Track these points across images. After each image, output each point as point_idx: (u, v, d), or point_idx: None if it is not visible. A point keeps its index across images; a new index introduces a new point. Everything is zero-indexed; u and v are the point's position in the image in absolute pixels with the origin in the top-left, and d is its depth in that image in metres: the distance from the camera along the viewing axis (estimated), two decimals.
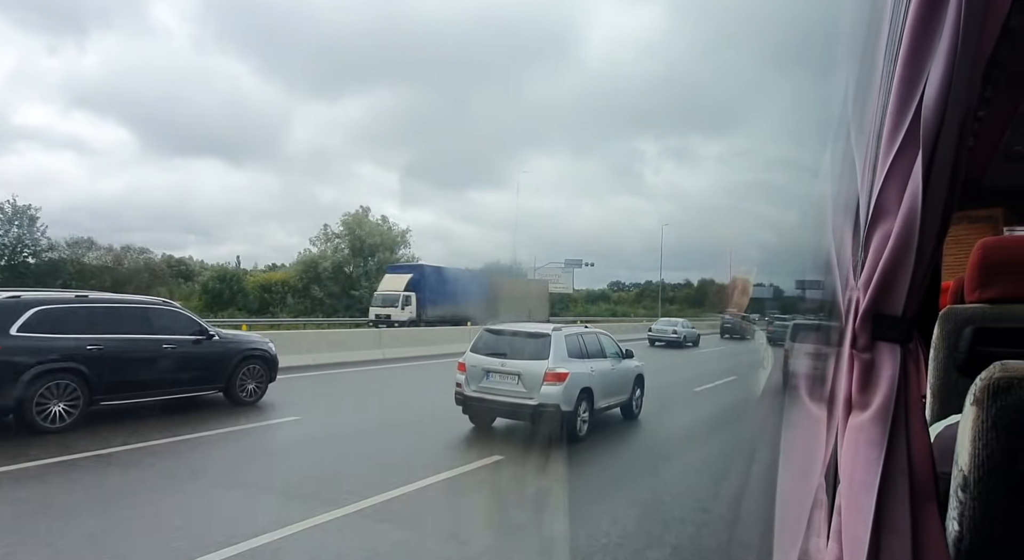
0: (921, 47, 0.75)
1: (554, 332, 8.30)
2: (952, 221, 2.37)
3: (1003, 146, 2.47)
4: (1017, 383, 0.76)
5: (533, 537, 4.96)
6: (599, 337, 9.24)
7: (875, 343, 0.82)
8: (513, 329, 8.66)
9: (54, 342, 7.25)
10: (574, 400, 7.91)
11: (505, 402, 7.91)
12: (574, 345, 8.40)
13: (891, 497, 0.77)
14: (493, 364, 8.05)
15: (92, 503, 5.15)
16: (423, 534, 4.91)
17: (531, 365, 7.88)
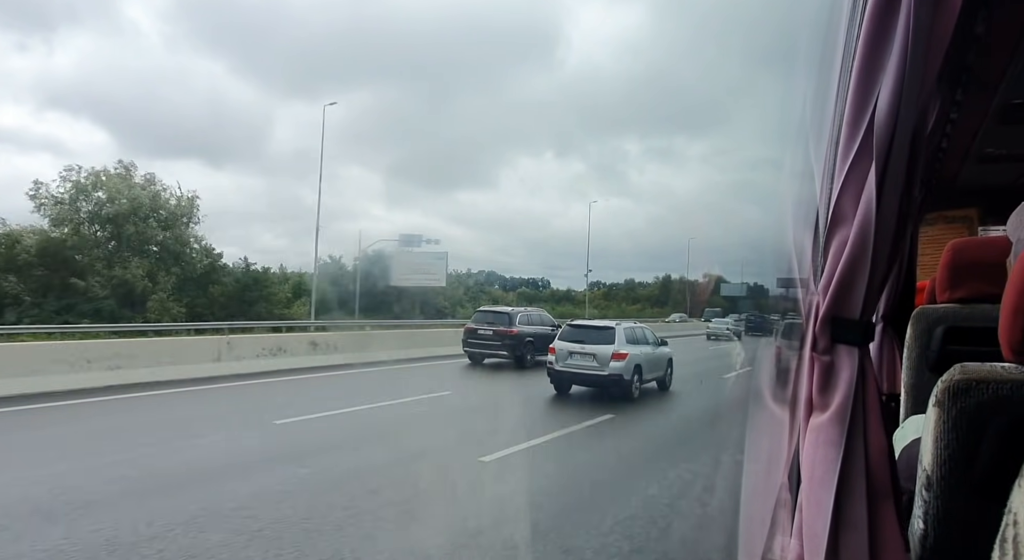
0: (873, 60, 0.78)
1: (616, 325, 12.27)
2: (928, 222, 2.42)
3: (975, 148, 2.52)
4: (975, 385, 0.77)
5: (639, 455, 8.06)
6: (644, 330, 13.29)
7: (834, 346, 0.84)
8: (588, 323, 13.34)
9: (524, 330, 16.98)
10: (631, 372, 11.70)
11: (584, 374, 11.77)
12: (630, 334, 12.26)
13: (849, 495, 0.79)
14: (574, 348, 11.82)
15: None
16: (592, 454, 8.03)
17: (602, 348, 11.65)
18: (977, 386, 0.77)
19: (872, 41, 0.78)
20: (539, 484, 6.27)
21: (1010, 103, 2.08)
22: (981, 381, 0.77)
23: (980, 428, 0.77)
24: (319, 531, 4.73)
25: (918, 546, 0.83)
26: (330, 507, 5.30)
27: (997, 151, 2.59)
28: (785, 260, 1.02)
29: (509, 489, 6.23)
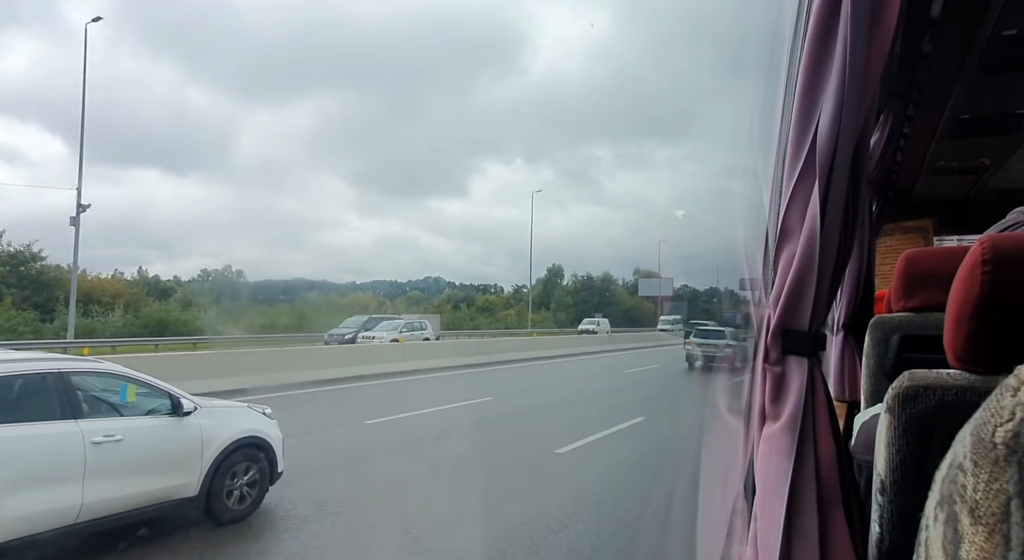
0: (814, 79, 0.80)
1: (725, 327, 18.38)
2: (886, 232, 2.54)
3: (928, 160, 2.57)
4: (923, 391, 0.79)
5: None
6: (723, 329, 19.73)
7: (785, 357, 0.85)
8: (710, 327, 20.64)
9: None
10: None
11: (707, 355, 18.68)
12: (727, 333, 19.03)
13: (800, 503, 0.81)
14: (702, 341, 19.60)
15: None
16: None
17: (718, 341, 19.03)
18: (924, 392, 0.78)
19: (812, 62, 0.80)
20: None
21: (959, 117, 2.13)
22: (928, 387, 0.78)
23: (929, 433, 0.78)
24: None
25: (875, 549, 0.84)
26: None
27: (949, 164, 2.66)
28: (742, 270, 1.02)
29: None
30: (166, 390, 4.96)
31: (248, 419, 5.42)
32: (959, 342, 0.75)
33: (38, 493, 4.08)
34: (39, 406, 4.29)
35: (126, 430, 4.56)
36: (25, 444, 4.11)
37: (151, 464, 4.67)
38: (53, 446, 4.21)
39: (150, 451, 4.68)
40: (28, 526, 4.03)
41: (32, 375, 4.35)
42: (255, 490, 5.28)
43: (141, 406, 4.81)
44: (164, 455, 4.76)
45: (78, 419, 4.38)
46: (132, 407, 4.75)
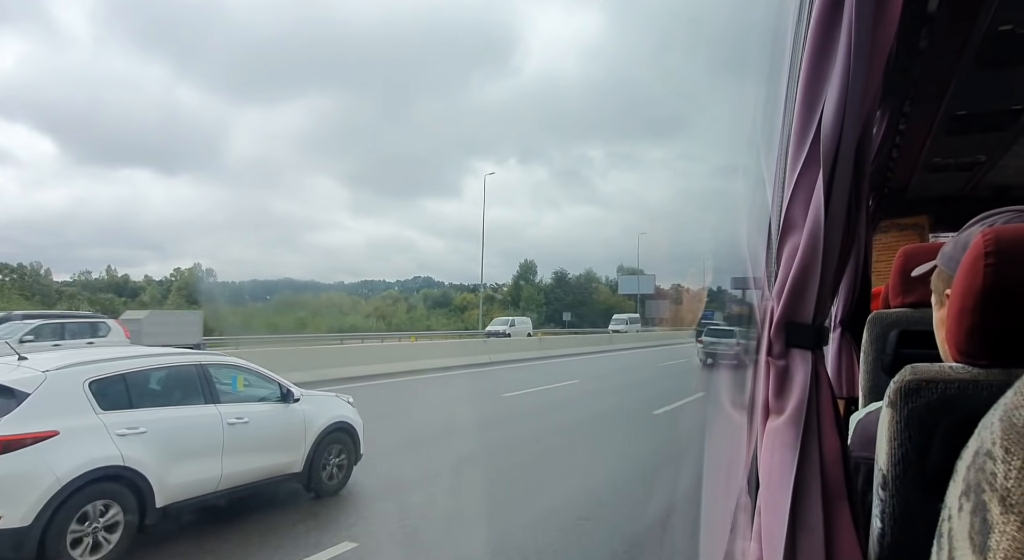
0: (818, 71, 0.80)
1: (735, 327, 17.84)
2: (882, 229, 2.65)
3: (924, 157, 2.58)
4: (926, 385, 0.78)
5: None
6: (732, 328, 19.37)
7: (788, 350, 0.86)
8: (720, 327, 20.63)
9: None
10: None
11: (719, 353, 19.42)
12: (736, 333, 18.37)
13: (805, 497, 0.80)
14: (713, 340, 20.11)
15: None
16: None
17: (728, 340, 19.48)
18: (927, 386, 0.78)
19: (816, 53, 0.80)
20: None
21: (954, 114, 2.12)
22: (930, 381, 0.78)
23: (931, 427, 0.77)
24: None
25: (876, 544, 0.84)
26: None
27: (944, 161, 2.65)
28: (743, 266, 1.01)
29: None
30: (276, 380, 5.79)
31: (337, 406, 6.26)
32: (961, 335, 0.75)
33: (191, 465, 4.88)
34: (188, 393, 5.11)
35: (250, 414, 5.39)
36: (181, 424, 4.91)
37: (269, 443, 5.50)
38: (200, 426, 5.03)
39: (268, 432, 5.52)
40: (184, 492, 4.83)
41: (182, 367, 5.18)
42: (343, 469, 6.13)
43: (258, 394, 5.64)
44: (278, 436, 5.60)
45: (216, 404, 5.19)
46: (251, 394, 5.58)
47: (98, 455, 4.33)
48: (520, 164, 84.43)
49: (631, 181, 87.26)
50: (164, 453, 4.69)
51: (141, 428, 4.62)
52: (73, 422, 4.32)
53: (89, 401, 4.48)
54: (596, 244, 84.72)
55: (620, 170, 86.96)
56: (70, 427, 4.28)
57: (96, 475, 4.29)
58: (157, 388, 5.01)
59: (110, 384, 4.66)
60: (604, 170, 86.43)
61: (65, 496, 4.12)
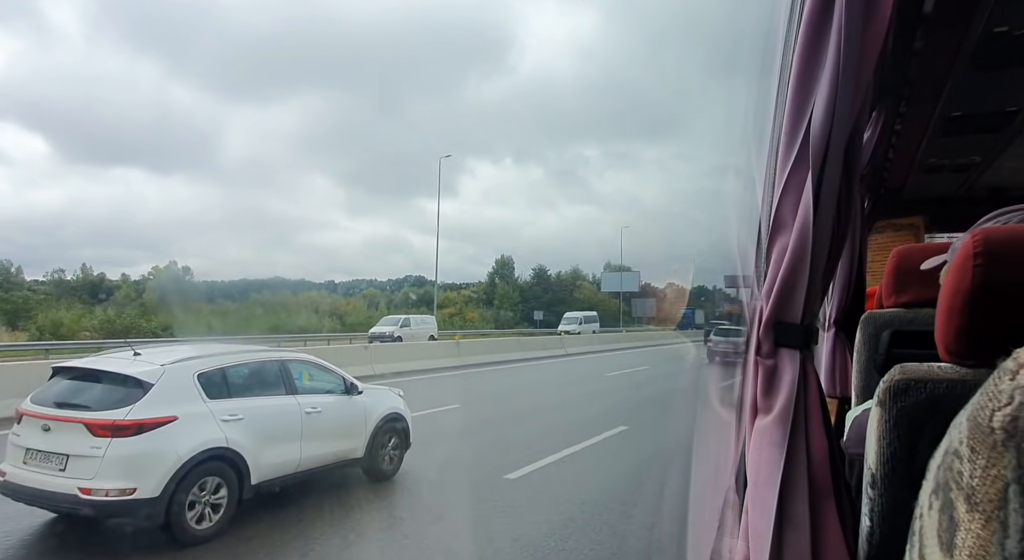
0: (807, 72, 0.81)
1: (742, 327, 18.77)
2: (878, 229, 2.72)
3: (920, 158, 2.59)
4: (914, 384, 0.78)
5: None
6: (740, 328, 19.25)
7: (777, 350, 0.86)
8: (728, 327, 20.22)
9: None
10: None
11: (725, 351, 18.42)
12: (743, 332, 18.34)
13: (792, 495, 0.81)
14: (722, 339, 19.79)
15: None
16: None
17: (736, 339, 15.58)
18: (915, 386, 0.78)
19: (807, 53, 0.80)
20: None
21: (951, 115, 2.12)
22: (919, 381, 0.78)
23: (919, 426, 0.78)
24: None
25: (865, 543, 0.84)
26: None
27: (940, 161, 2.65)
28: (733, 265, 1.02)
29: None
30: (340, 374, 6.49)
31: (391, 399, 6.91)
32: (950, 335, 0.75)
33: (278, 448, 5.56)
34: (272, 385, 5.79)
35: (322, 404, 6.07)
36: (269, 412, 5.59)
37: (337, 431, 6.18)
38: (284, 414, 5.71)
39: (336, 421, 6.19)
40: (272, 472, 5.50)
41: (265, 362, 5.87)
42: (397, 456, 6.85)
43: (326, 386, 6.33)
44: (344, 425, 6.26)
45: (295, 395, 5.89)
46: (320, 387, 6.27)
47: (208, 437, 5.01)
48: (516, 163, 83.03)
49: (627, 180, 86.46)
50: (257, 437, 5.37)
51: (239, 415, 5.30)
52: (188, 409, 5.00)
53: (198, 391, 5.16)
54: (592, 243, 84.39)
55: (616, 169, 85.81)
56: (186, 413, 4.96)
57: (207, 455, 4.97)
58: (248, 380, 5.68)
59: (213, 376, 5.34)
60: (600, 170, 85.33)
61: (184, 472, 4.79)
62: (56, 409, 4.85)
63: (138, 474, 4.63)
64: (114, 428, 4.65)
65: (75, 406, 4.86)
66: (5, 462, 4.93)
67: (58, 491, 4.58)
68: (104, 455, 4.57)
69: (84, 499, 4.51)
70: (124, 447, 4.63)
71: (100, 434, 4.63)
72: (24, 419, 4.94)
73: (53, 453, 4.69)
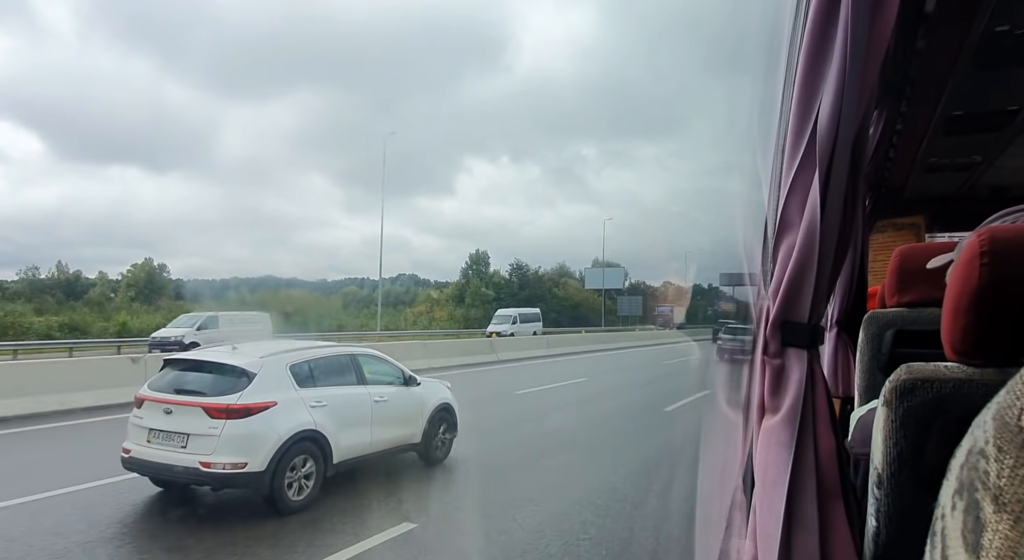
0: (814, 70, 0.81)
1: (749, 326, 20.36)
2: (879, 229, 2.73)
3: (921, 157, 2.58)
4: (921, 384, 0.78)
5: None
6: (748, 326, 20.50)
7: (784, 349, 0.86)
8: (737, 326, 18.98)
9: None
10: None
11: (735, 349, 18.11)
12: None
13: (800, 495, 0.81)
14: (730, 337, 20.18)
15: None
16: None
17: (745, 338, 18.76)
18: (922, 385, 0.78)
19: (813, 53, 0.80)
20: None
21: (952, 114, 2.12)
22: (925, 380, 0.78)
23: (926, 426, 0.77)
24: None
25: (871, 543, 0.84)
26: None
27: (941, 161, 2.65)
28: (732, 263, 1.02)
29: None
30: (400, 367, 7.29)
31: (442, 390, 7.69)
32: (956, 335, 0.75)
33: (354, 432, 6.34)
34: (347, 376, 6.58)
35: (387, 394, 6.87)
36: (346, 400, 6.38)
37: (399, 418, 6.95)
38: (358, 402, 6.50)
39: (398, 409, 6.96)
40: (350, 453, 6.27)
41: (341, 356, 6.66)
42: (447, 442, 7.65)
43: (388, 378, 7.12)
44: (405, 413, 7.04)
45: (365, 385, 6.67)
46: (384, 378, 7.06)
47: (301, 421, 5.78)
48: (513, 162, 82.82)
49: (626, 179, 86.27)
50: (337, 422, 6.14)
51: (323, 402, 6.08)
52: (284, 396, 5.78)
53: (291, 380, 5.94)
54: (592, 242, 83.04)
55: (614, 168, 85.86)
56: (283, 399, 5.74)
57: (300, 436, 5.74)
58: (328, 372, 6.45)
59: (301, 368, 6.13)
60: (598, 168, 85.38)
61: (284, 450, 5.56)
62: (176, 395, 5.62)
63: (248, 450, 5.39)
64: (228, 411, 5.42)
65: (192, 392, 5.64)
66: (128, 441, 5.67)
67: (182, 465, 5.34)
68: (221, 434, 5.34)
69: (205, 472, 5.29)
70: (236, 427, 5.40)
71: (216, 416, 5.40)
72: (145, 404, 5.68)
73: (175, 432, 5.45)
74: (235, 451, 5.37)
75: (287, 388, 5.87)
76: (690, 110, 77.55)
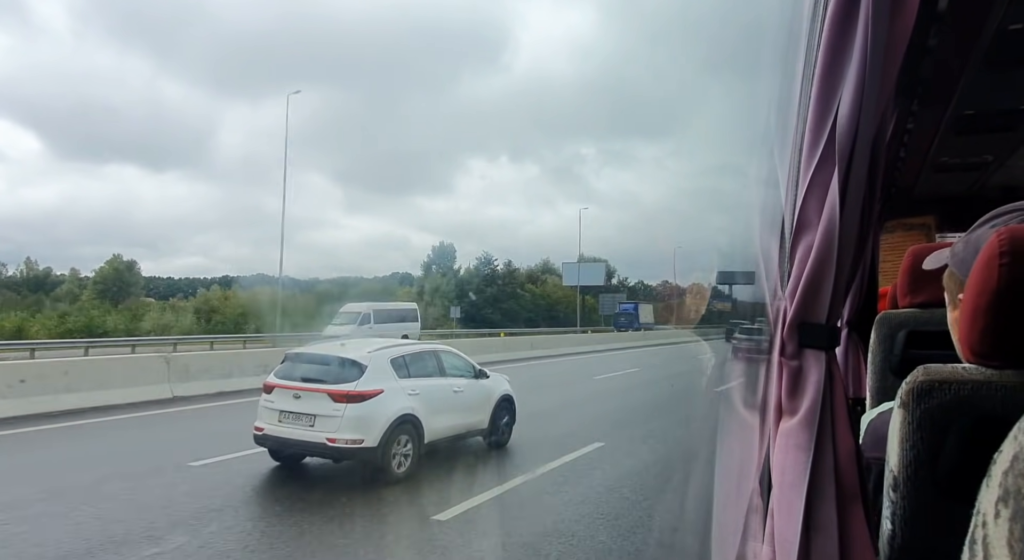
0: (833, 68, 0.80)
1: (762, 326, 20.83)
2: (888, 229, 2.71)
3: (932, 157, 2.57)
4: (938, 386, 0.77)
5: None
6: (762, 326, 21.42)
7: (802, 350, 0.85)
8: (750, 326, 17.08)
9: None
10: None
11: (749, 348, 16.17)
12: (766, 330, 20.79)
13: (819, 498, 0.80)
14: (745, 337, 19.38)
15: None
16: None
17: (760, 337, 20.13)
18: (940, 387, 0.77)
19: (832, 50, 0.79)
20: None
21: (963, 114, 2.12)
22: (943, 382, 0.77)
23: (943, 428, 0.76)
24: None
25: (886, 546, 0.83)
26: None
27: (952, 160, 2.64)
28: (752, 265, 1.01)
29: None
30: (471, 362, 8.41)
31: (504, 383, 8.78)
32: (975, 336, 0.74)
33: (439, 417, 7.46)
34: (432, 368, 7.74)
35: (462, 385, 7.98)
36: (433, 389, 7.53)
37: (473, 407, 8.09)
38: (441, 391, 7.64)
39: (470, 399, 8.09)
40: (436, 435, 7.42)
41: (426, 352, 7.87)
42: (508, 429, 8.74)
43: (462, 371, 8.25)
44: (476, 402, 8.18)
45: (446, 377, 7.76)
46: (458, 371, 8.17)
47: (402, 405, 6.91)
48: (512, 162, 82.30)
49: (625, 179, 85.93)
50: (428, 408, 7.25)
51: (417, 391, 7.19)
52: (388, 385, 6.88)
53: (392, 372, 7.03)
54: (593, 242, 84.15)
55: (613, 168, 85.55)
56: (388, 388, 6.86)
57: (402, 419, 6.86)
58: (417, 365, 7.57)
59: (399, 361, 7.29)
60: (597, 167, 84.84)
61: (391, 430, 6.66)
62: (303, 383, 6.71)
63: (364, 429, 6.50)
64: (348, 396, 6.53)
65: (316, 381, 6.73)
66: (259, 421, 6.74)
67: (310, 440, 6.49)
68: (343, 415, 6.46)
69: (330, 446, 6.40)
70: (355, 410, 6.52)
71: (339, 400, 6.51)
72: (275, 390, 6.75)
73: (303, 414, 6.55)
74: (354, 429, 6.47)
75: (390, 378, 6.97)
76: (690, 110, 78.39)
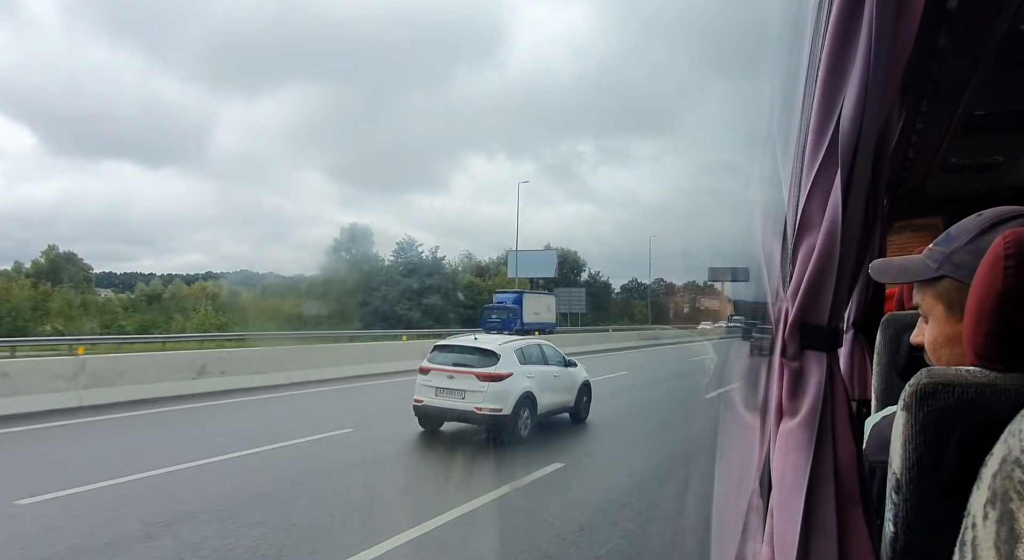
0: (837, 67, 0.79)
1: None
2: (896, 230, 2.75)
3: (940, 157, 2.56)
4: (942, 388, 0.76)
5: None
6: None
7: (803, 351, 0.85)
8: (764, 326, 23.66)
9: None
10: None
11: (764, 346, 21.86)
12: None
13: (819, 500, 0.80)
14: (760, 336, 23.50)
15: None
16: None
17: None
18: (943, 390, 0.76)
19: (836, 49, 0.79)
20: None
21: (973, 114, 2.10)
22: (946, 385, 0.76)
23: (947, 431, 0.76)
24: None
25: (888, 549, 0.82)
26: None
27: (961, 161, 2.63)
28: (754, 265, 1.01)
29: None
30: (561, 353, 10.62)
31: (584, 371, 11.02)
32: (979, 338, 0.74)
33: (546, 395, 9.83)
34: (538, 357, 10.21)
35: (558, 372, 10.29)
36: (542, 374, 9.92)
37: (565, 389, 10.47)
38: (546, 376, 10.04)
39: (565, 382, 10.49)
40: (544, 410, 9.77)
41: (532, 344, 10.34)
42: (588, 408, 11.05)
43: (557, 360, 10.56)
44: (567, 385, 10.54)
45: (547, 365, 9.98)
46: (554, 360, 10.46)
47: (524, 385, 9.19)
48: (510, 159, 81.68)
49: (624, 177, 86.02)
50: (539, 388, 9.48)
51: (532, 374, 9.36)
52: (515, 369, 9.14)
53: (517, 359, 9.16)
54: (592, 241, 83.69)
55: (611, 165, 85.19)
56: (515, 371, 9.15)
57: (525, 395, 9.07)
58: (530, 355, 9.83)
59: (519, 351, 9.49)
60: (594, 165, 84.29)
61: (519, 403, 8.87)
62: (454, 366, 8.91)
63: (502, 401, 8.72)
64: (491, 377, 8.66)
65: (464, 365, 8.93)
66: (418, 395, 8.85)
67: (463, 409, 8.71)
68: (487, 391, 8.61)
69: (478, 414, 8.64)
70: (495, 387, 8.72)
71: (483, 379, 8.72)
72: (431, 372, 8.91)
73: (456, 389, 8.79)
74: (496, 401, 8.66)
75: (516, 364, 9.17)
76: (688, 107, 77.59)
